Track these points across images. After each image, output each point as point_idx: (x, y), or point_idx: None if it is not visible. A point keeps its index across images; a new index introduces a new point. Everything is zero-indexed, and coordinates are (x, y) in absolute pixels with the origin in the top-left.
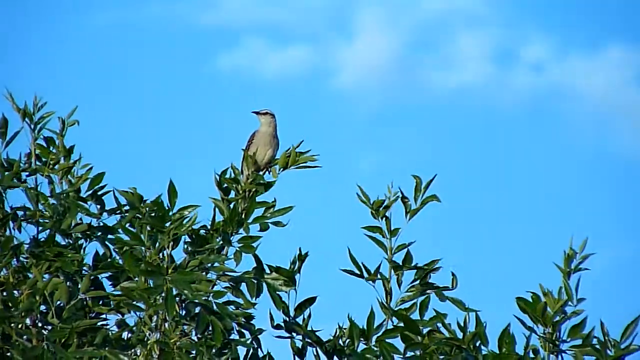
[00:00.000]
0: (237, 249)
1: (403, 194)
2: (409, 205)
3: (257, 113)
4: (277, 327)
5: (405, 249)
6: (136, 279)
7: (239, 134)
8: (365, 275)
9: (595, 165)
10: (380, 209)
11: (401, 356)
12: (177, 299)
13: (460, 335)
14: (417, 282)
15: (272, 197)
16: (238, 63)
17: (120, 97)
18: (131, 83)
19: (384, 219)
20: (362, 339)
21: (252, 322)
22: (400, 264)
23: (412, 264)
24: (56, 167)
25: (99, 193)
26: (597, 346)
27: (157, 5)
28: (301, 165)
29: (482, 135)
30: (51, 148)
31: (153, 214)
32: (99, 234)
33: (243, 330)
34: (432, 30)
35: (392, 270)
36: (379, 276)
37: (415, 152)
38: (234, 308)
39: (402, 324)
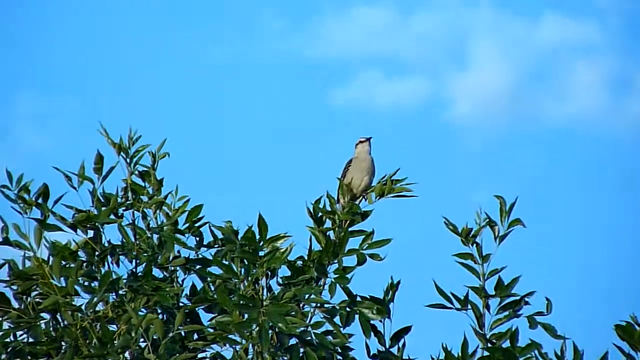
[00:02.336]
0: (332, 280)
1: (491, 218)
2: (496, 230)
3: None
4: (373, 357)
5: (497, 275)
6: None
7: (338, 164)
8: (456, 305)
9: None
10: (469, 236)
11: None
12: (271, 330)
13: None
14: (510, 308)
15: (370, 227)
16: (352, 96)
17: (233, 130)
18: (243, 117)
19: (475, 245)
20: None
21: (349, 352)
22: (493, 289)
23: (506, 291)
24: (149, 201)
25: (197, 225)
26: None
27: (271, 42)
28: (397, 194)
29: (596, 164)
30: (145, 183)
31: (246, 247)
32: (197, 267)
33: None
34: (547, 60)
35: (483, 297)
36: (469, 305)
37: (529, 183)
38: (332, 338)
39: (498, 350)
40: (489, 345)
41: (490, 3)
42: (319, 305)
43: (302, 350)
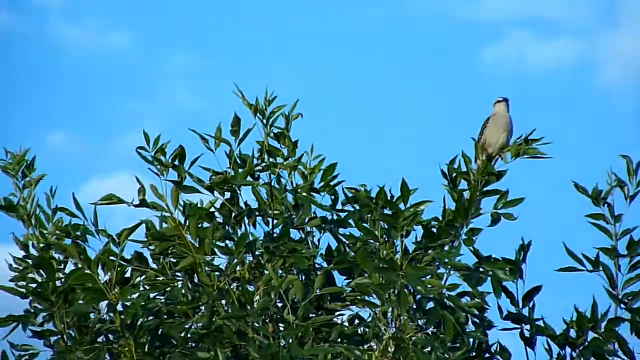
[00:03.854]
0: (460, 241)
1: (620, 179)
2: (626, 190)
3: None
4: (506, 317)
5: (629, 234)
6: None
7: (471, 122)
8: (588, 266)
9: None
10: (601, 196)
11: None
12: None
13: None
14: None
15: (503, 186)
16: (502, 57)
17: (375, 90)
18: (388, 76)
19: (606, 205)
20: (591, 329)
21: (484, 313)
22: (625, 249)
23: (637, 250)
24: (285, 163)
25: (332, 184)
26: None
27: (418, 3)
28: (533, 155)
29: None
30: (280, 145)
31: (386, 210)
32: (332, 226)
33: (477, 321)
34: None
35: (615, 257)
36: (600, 267)
37: None
38: (467, 299)
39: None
40: (622, 305)
41: None
42: (455, 267)
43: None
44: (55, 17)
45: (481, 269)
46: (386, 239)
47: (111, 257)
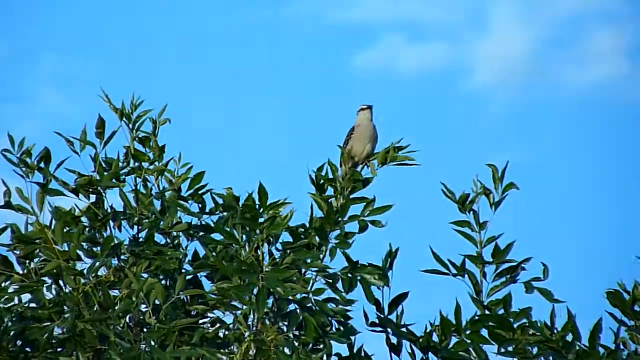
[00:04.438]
0: (333, 245)
1: (484, 186)
2: (491, 197)
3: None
4: (372, 324)
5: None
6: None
7: (340, 130)
8: (453, 271)
9: None
10: (466, 203)
11: (494, 351)
12: (272, 296)
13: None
14: (507, 274)
15: (372, 194)
16: (374, 60)
17: (247, 94)
18: (257, 80)
19: (472, 212)
20: (454, 333)
21: (349, 320)
22: (491, 256)
23: (501, 257)
24: (151, 167)
25: (200, 192)
26: None
27: (293, 5)
28: (400, 162)
29: (616, 130)
30: (146, 149)
31: (246, 214)
32: (200, 233)
33: (341, 328)
34: (567, 26)
35: (480, 264)
36: (465, 272)
37: (549, 148)
38: (333, 305)
39: (490, 317)
40: (486, 312)
41: None
42: (320, 271)
43: (301, 316)
44: None
45: (350, 275)
46: (247, 242)
47: None
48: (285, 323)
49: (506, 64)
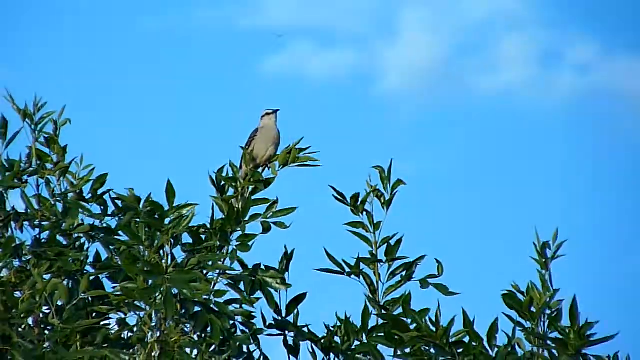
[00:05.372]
0: (234, 247)
1: (375, 187)
2: (383, 198)
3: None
4: (270, 326)
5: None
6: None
7: (244, 132)
8: (347, 270)
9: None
10: (358, 204)
11: (391, 354)
12: (177, 298)
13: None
14: (403, 273)
15: (274, 195)
16: (283, 66)
17: (161, 99)
18: (167, 85)
19: (365, 213)
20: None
21: (252, 321)
22: (384, 256)
23: (393, 255)
24: (53, 167)
25: (100, 193)
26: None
27: (201, 10)
28: (301, 163)
29: (526, 136)
30: (49, 150)
31: (151, 214)
32: (102, 235)
33: (244, 329)
34: (476, 32)
35: (377, 264)
36: (359, 273)
37: (458, 155)
38: (236, 306)
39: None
40: (383, 312)
41: None
42: (222, 272)
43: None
44: None
45: (253, 278)
46: (151, 243)
47: None
48: (191, 324)
49: (415, 71)
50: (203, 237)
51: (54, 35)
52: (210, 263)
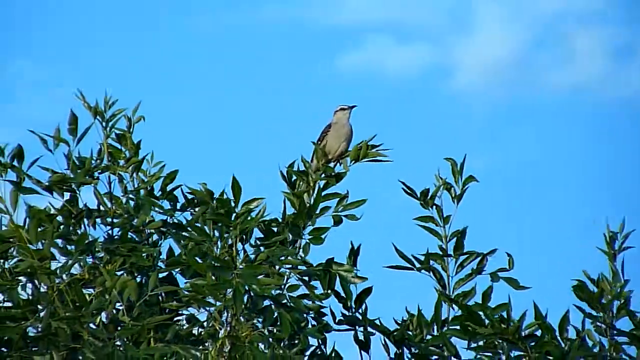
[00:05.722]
0: (307, 241)
1: (446, 181)
2: (452, 191)
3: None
4: (340, 322)
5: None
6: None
7: (317, 128)
8: (417, 265)
9: None
10: (428, 198)
11: (464, 346)
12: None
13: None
14: (472, 266)
15: (345, 190)
16: (360, 62)
17: (237, 95)
18: (245, 81)
19: (435, 207)
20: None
21: (323, 317)
22: (452, 250)
23: (461, 249)
24: (126, 164)
25: (169, 189)
26: None
27: (278, 6)
28: (372, 158)
29: (598, 130)
30: (121, 146)
31: (220, 209)
32: (173, 231)
33: (316, 324)
34: (550, 27)
35: (445, 258)
36: (429, 267)
37: (531, 150)
38: (308, 302)
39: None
40: (454, 305)
41: None
42: (294, 268)
43: (276, 312)
44: None
45: (326, 272)
46: (219, 239)
47: None
48: (260, 319)
49: (489, 66)
50: (275, 230)
51: (127, 33)
52: (282, 258)
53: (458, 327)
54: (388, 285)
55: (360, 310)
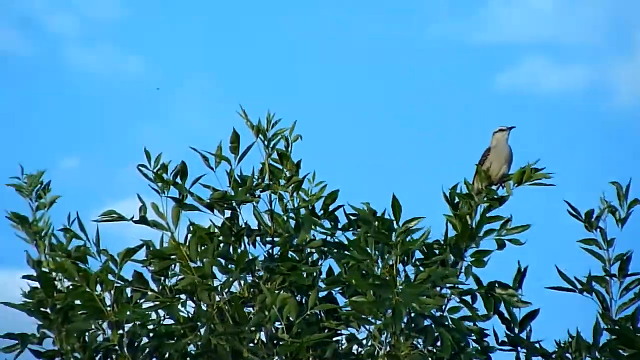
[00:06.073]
0: (469, 263)
1: (609, 203)
2: (617, 214)
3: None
4: (502, 343)
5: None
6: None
7: (476, 150)
8: (579, 287)
9: None
10: (592, 220)
11: None
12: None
13: None
14: (636, 289)
15: (507, 213)
16: (516, 82)
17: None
18: (399, 99)
19: (598, 230)
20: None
21: (484, 339)
22: (616, 273)
23: (626, 271)
24: (286, 183)
25: (332, 208)
26: None
27: (435, 25)
28: (535, 182)
29: None
30: (282, 165)
31: (381, 229)
32: (334, 250)
33: (477, 346)
34: None
35: (609, 280)
36: (592, 289)
37: None
38: (469, 324)
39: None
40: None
41: None
42: (455, 288)
43: (436, 332)
44: (70, 43)
45: (489, 295)
46: (379, 258)
47: (109, 276)
48: (420, 339)
49: None
50: (436, 252)
51: (289, 50)
52: (443, 277)
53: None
54: (552, 308)
55: (524, 333)
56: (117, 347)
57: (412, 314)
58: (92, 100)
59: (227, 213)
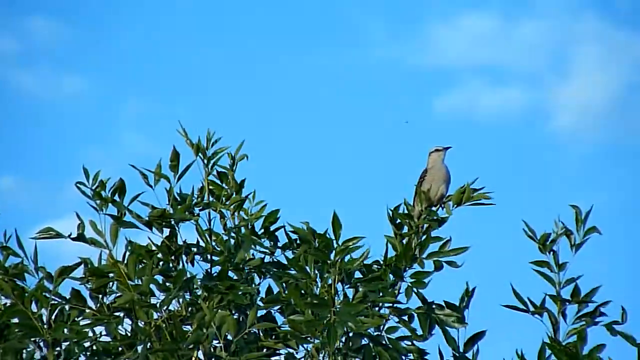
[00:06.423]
0: (409, 284)
1: (567, 227)
2: (572, 239)
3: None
4: None
5: (573, 283)
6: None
7: (413, 170)
8: (531, 309)
9: None
10: (547, 243)
11: None
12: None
13: None
14: (585, 315)
15: (447, 233)
16: (454, 105)
17: (327, 135)
18: (338, 122)
19: (551, 253)
20: None
21: (425, 357)
22: (569, 297)
23: (580, 298)
24: (227, 202)
25: (273, 228)
26: None
27: (374, 49)
28: (475, 202)
29: None
30: (223, 184)
31: (321, 248)
32: (273, 270)
33: None
34: None
35: (559, 304)
36: (545, 311)
37: (630, 194)
38: (408, 343)
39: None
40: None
41: (594, 12)
42: (393, 307)
43: (374, 352)
44: (7, 62)
45: (426, 315)
46: (318, 276)
47: (45, 294)
48: (358, 358)
49: (588, 109)
50: (376, 271)
51: (233, 71)
52: (380, 295)
53: None
54: (499, 329)
55: (470, 354)
56: None
57: (350, 333)
58: (31, 119)
59: (166, 231)
